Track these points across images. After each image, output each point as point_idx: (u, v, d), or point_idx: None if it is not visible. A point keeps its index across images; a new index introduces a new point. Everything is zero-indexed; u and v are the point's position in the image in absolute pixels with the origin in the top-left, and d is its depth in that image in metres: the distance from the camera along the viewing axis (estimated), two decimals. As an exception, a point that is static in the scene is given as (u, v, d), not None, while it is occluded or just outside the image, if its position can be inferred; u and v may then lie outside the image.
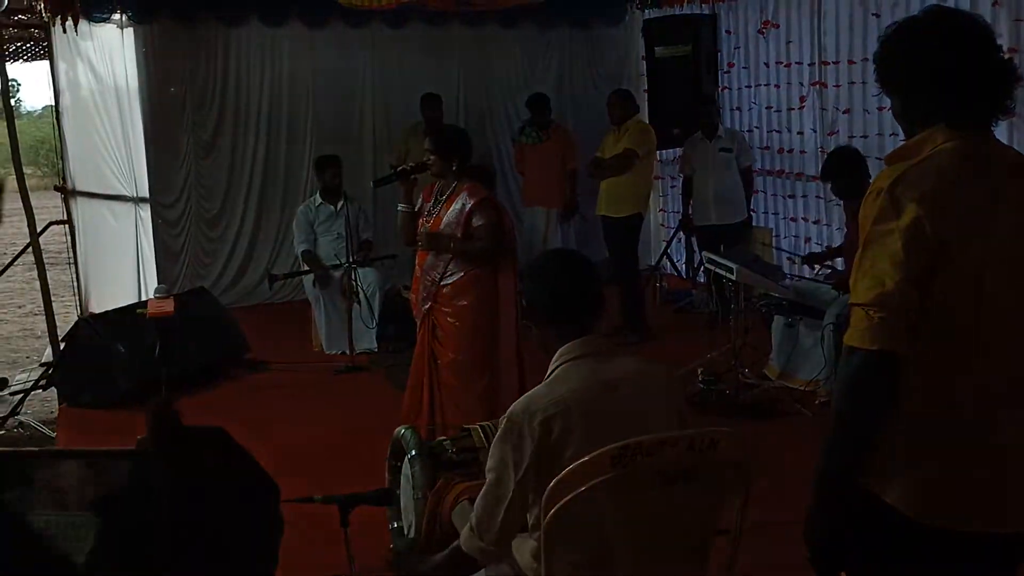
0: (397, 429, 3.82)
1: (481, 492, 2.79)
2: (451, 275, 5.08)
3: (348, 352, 7.76)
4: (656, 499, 2.67)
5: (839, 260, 7.14)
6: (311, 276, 8.16)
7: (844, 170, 6.57)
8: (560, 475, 2.61)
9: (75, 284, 9.00)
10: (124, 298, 8.35)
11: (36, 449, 0.83)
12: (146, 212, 9.50)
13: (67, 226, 8.74)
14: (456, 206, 5.05)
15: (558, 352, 2.90)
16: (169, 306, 3.86)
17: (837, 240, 7.98)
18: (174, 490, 0.66)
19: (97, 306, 8.76)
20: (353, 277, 7.72)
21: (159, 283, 9.19)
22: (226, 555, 0.65)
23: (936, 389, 2.24)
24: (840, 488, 2.31)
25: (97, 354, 6.81)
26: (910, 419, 2.25)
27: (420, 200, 5.32)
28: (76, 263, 8.91)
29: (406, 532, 3.63)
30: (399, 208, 5.36)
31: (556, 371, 2.87)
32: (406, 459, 3.61)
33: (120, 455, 0.72)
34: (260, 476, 0.66)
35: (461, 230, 5.01)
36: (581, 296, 2.96)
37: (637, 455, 2.61)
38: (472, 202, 5.01)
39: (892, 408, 2.23)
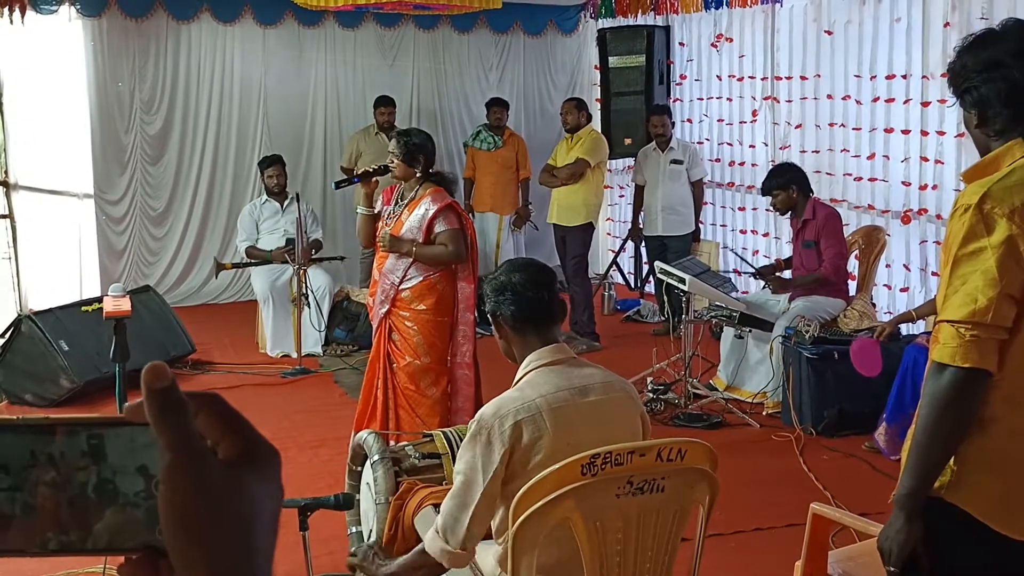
0: (359, 433, 3.77)
1: (448, 494, 2.77)
2: (410, 279, 5.04)
3: (296, 354, 7.68)
4: (624, 507, 2.67)
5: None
6: (261, 276, 8.04)
7: (780, 185, 6.72)
8: (530, 483, 2.61)
9: (16, 280, 8.81)
10: (63, 296, 8.18)
11: (14, 418, 0.78)
12: (90, 209, 9.34)
13: (8, 221, 8.57)
14: (419, 211, 5.01)
15: (527, 359, 2.90)
16: (126, 305, 3.78)
17: (786, 253, 8.06)
18: (175, 464, 0.63)
19: (36, 303, 8.59)
20: (303, 279, 7.63)
21: (101, 280, 9.07)
22: (231, 528, 0.62)
23: None
24: (921, 502, 2.30)
25: (40, 352, 6.67)
26: (1000, 433, 2.25)
27: (380, 202, 5.28)
28: (17, 259, 8.72)
29: (366, 537, 3.59)
30: (358, 211, 5.32)
31: (526, 377, 2.87)
32: (368, 464, 3.58)
33: (105, 423, 0.68)
34: (260, 442, 0.64)
35: (423, 235, 4.98)
36: (546, 306, 2.97)
37: (607, 464, 2.62)
38: (435, 207, 4.99)
39: (977, 422, 2.24)
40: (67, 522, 0.74)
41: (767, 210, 8.76)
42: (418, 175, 5.06)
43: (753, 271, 7.43)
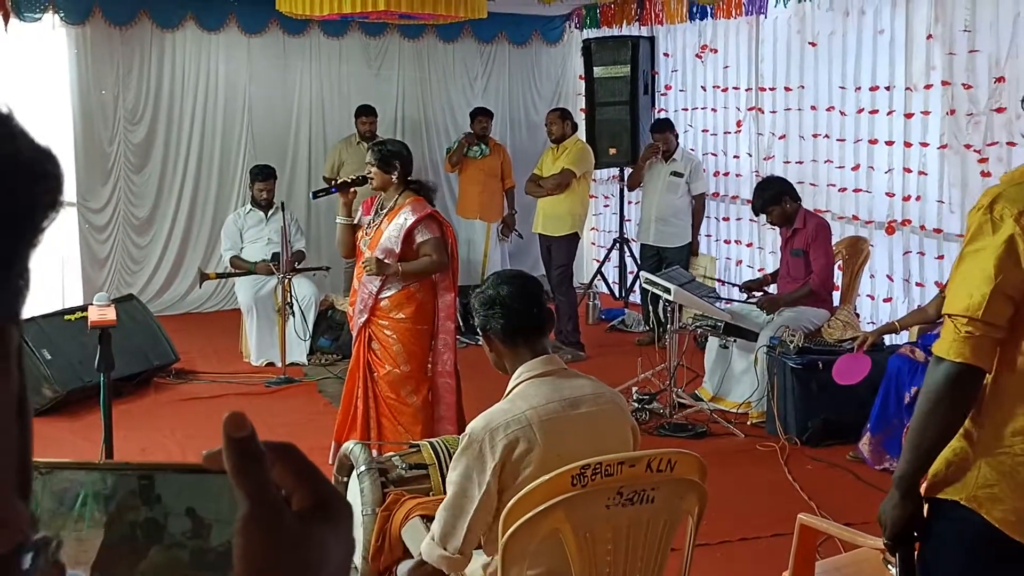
0: (345, 444, 3.77)
1: (443, 503, 2.78)
2: (389, 289, 5.06)
3: (280, 364, 7.65)
4: (614, 518, 2.67)
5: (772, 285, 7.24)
6: (245, 286, 8.02)
7: (771, 201, 6.77)
8: (520, 493, 2.61)
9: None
10: (46, 304, 8.12)
11: (81, 462, 0.77)
12: (72, 217, 9.29)
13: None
14: (399, 220, 5.03)
15: (518, 371, 2.90)
16: (111, 314, 3.76)
17: (770, 263, 8.09)
18: (252, 514, 0.62)
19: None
20: (288, 288, 7.61)
21: (84, 289, 9.02)
22: None
23: None
24: (916, 484, 2.39)
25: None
26: (1016, 439, 2.26)
27: (360, 212, 5.30)
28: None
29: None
30: (337, 220, 5.34)
31: (516, 388, 2.87)
32: (354, 475, 3.56)
33: (183, 470, 0.67)
34: (332, 494, 0.63)
35: (401, 244, 4.99)
36: (535, 318, 2.97)
37: (597, 474, 2.62)
38: (415, 217, 5.00)
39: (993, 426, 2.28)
40: (112, 560, 0.75)
41: (751, 220, 8.80)
42: (395, 182, 5.08)
43: (740, 285, 7.45)
